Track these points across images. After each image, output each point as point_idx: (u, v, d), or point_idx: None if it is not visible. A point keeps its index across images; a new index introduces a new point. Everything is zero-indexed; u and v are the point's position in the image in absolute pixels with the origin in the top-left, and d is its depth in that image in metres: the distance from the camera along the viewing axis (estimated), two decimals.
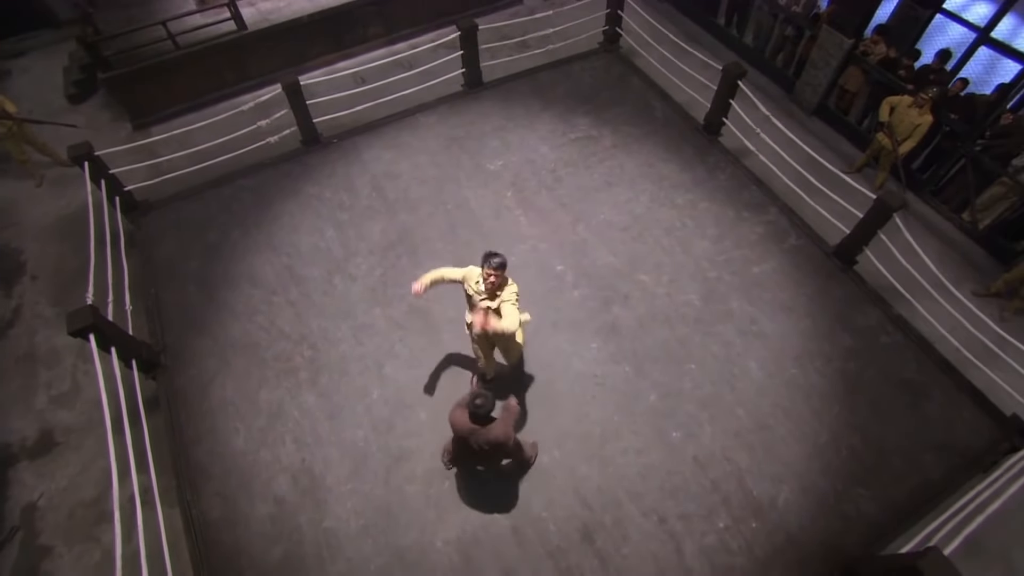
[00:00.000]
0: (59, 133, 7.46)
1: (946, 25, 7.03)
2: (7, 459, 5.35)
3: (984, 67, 7.66)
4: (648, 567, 4.29)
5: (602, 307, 5.53)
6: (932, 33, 6.96)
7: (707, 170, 6.57)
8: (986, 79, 7.40)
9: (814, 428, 4.88)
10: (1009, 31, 6.31)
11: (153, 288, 5.81)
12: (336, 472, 4.70)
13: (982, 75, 7.55)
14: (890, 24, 7.08)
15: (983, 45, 6.07)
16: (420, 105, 7.31)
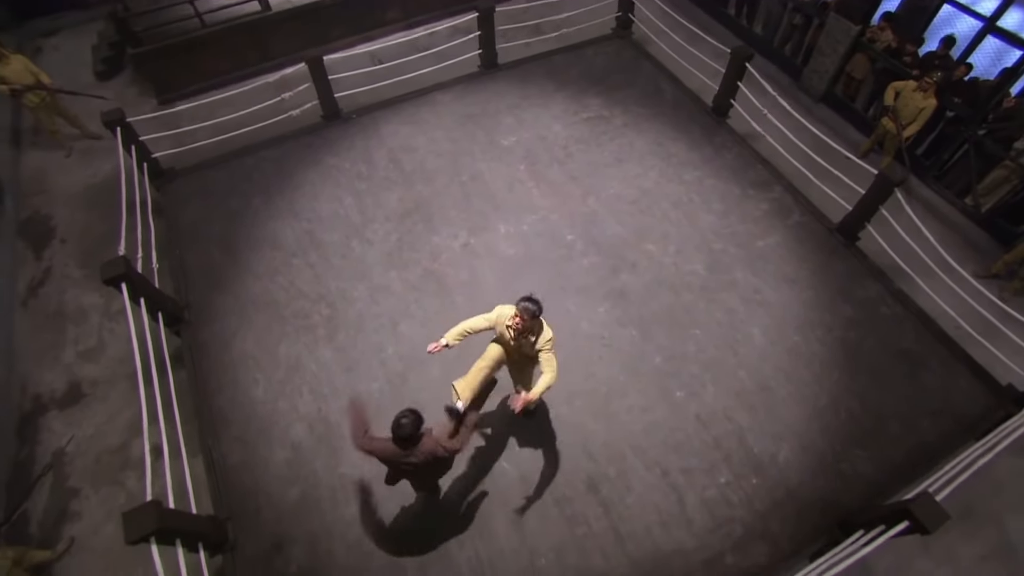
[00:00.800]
0: (88, 107, 7.74)
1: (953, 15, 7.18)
2: (38, 409, 5.59)
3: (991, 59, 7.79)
4: (650, 516, 4.46)
5: (610, 274, 5.72)
6: (939, 25, 7.11)
7: (714, 149, 6.76)
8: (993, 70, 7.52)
9: (814, 392, 5.03)
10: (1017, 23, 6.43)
11: (178, 249, 6.04)
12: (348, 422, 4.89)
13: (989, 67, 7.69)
14: (898, 14, 7.24)
15: (989, 34, 6.23)
16: (437, 84, 7.55)
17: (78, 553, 4.84)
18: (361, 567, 4.28)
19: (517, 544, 4.35)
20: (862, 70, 7.08)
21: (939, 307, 5.46)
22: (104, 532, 4.94)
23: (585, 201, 6.31)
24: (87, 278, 6.50)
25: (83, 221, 7.03)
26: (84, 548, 4.87)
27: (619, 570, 4.26)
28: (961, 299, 5.27)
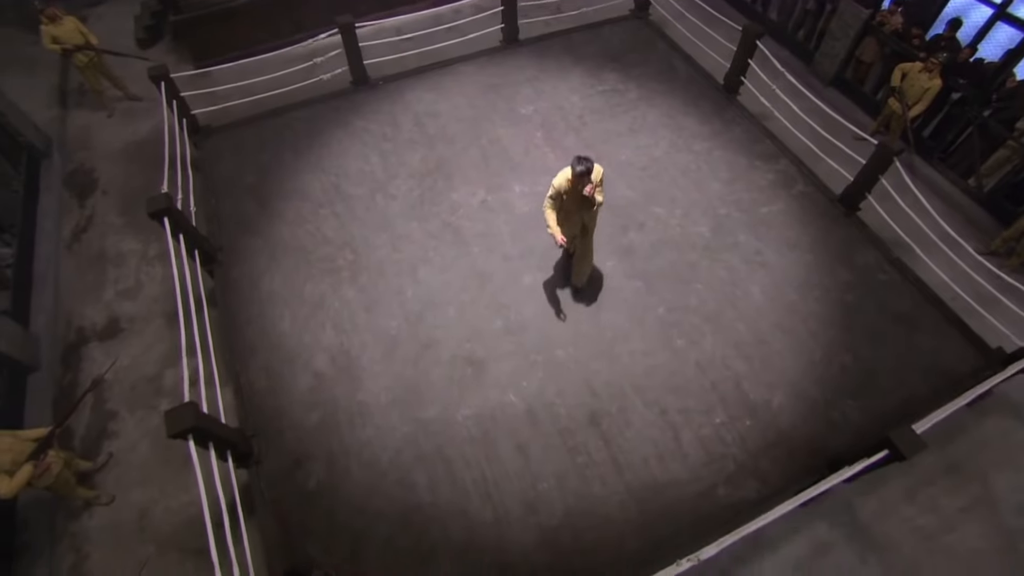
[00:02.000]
0: (130, 71, 8.21)
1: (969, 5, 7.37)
2: (80, 340, 6.01)
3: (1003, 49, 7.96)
4: (648, 449, 4.74)
5: (619, 232, 6.01)
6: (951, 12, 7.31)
7: (724, 123, 7.02)
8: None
9: (809, 346, 5.29)
10: None
11: (213, 198, 6.43)
12: (370, 354, 5.24)
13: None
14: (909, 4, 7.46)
15: (999, 21, 6.46)
16: (460, 56, 7.89)
17: (115, 467, 5.24)
18: (374, 484, 4.61)
19: (521, 469, 4.66)
20: (871, 54, 7.32)
21: (938, 278, 5.66)
22: (139, 449, 5.34)
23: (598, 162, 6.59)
24: (126, 225, 6.94)
25: (123, 175, 7.47)
26: (121, 463, 5.27)
27: (616, 497, 4.54)
28: (960, 271, 5.47)
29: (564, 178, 4.50)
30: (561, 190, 4.54)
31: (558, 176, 4.54)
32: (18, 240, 6.30)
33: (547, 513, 4.47)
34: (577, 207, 4.71)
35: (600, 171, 4.54)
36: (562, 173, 4.53)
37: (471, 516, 4.46)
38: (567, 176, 4.47)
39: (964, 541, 4.80)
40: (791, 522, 4.80)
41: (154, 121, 7.87)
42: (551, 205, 4.63)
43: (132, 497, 5.08)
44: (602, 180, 4.59)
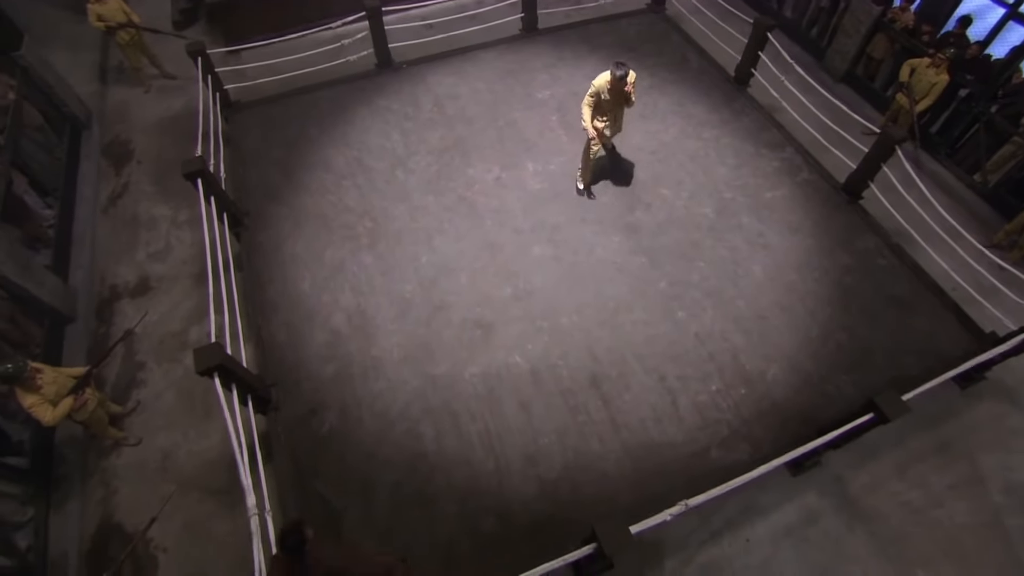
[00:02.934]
0: (166, 52, 8.63)
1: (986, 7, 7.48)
2: (113, 296, 6.37)
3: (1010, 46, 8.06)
4: (645, 412, 4.97)
5: (626, 211, 6.25)
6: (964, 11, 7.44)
7: (732, 113, 7.23)
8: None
9: (806, 323, 5.48)
10: None
11: (241, 168, 6.77)
12: (385, 314, 5.53)
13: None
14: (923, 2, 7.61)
15: (1011, 20, 6.61)
16: (481, 44, 8.19)
17: (142, 412, 5.57)
18: (384, 433, 4.88)
19: (523, 424, 4.91)
20: (882, 50, 7.48)
21: (940, 267, 5.77)
22: (165, 398, 5.67)
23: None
24: (158, 193, 7.31)
25: (157, 147, 7.86)
26: (147, 409, 5.60)
27: (613, 455, 4.77)
28: (961, 261, 5.58)
29: (604, 80, 5.41)
30: (600, 90, 5.46)
31: (598, 78, 5.46)
32: (59, 203, 6.68)
33: (546, 466, 4.71)
34: (613, 105, 5.59)
35: (634, 75, 5.43)
36: (602, 76, 5.44)
37: (474, 466, 4.71)
38: (607, 79, 5.38)
39: (951, 516, 4.95)
40: (782, 491, 5.01)
41: (187, 98, 8.27)
42: (589, 103, 5.55)
43: (157, 441, 5.41)
44: (635, 81, 5.47)
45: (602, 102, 5.58)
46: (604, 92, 5.47)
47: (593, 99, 5.54)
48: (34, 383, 4.27)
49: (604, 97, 5.52)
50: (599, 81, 5.46)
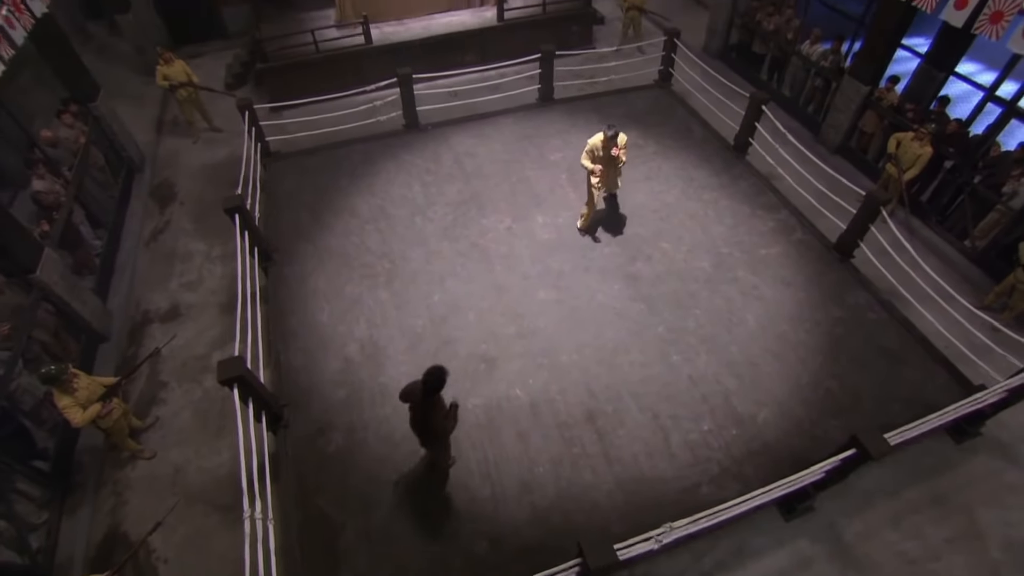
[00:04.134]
0: (216, 109, 9.58)
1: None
2: (146, 320, 6.87)
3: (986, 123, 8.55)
4: (638, 447, 5.13)
5: (627, 262, 6.64)
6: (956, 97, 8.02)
7: (731, 178, 7.74)
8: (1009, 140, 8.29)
9: (797, 371, 5.68)
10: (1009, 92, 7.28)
11: (274, 209, 7.38)
12: (396, 346, 5.87)
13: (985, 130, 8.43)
14: (911, 83, 8.26)
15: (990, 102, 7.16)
16: (501, 110, 8.95)
17: (160, 428, 5.90)
18: (387, 454, 5.10)
19: (520, 454, 5.10)
20: (872, 125, 8.04)
21: (932, 327, 5.94)
22: (182, 416, 6.00)
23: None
24: (196, 231, 7.94)
25: (199, 191, 8.60)
26: (165, 426, 5.93)
27: (605, 486, 4.91)
28: (953, 320, 5.77)
29: (598, 139, 6.08)
30: (594, 148, 6.11)
31: (593, 137, 6.13)
32: (108, 235, 7.33)
33: (540, 494, 4.85)
34: (606, 163, 6.20)
35: (625, 138, 6.12)
36: (597, 136, 6.10)
37: (471, 490, 4.88)
38: (600, 138, 6.04)
39: (949, 570, 4.93)
40: (775, 535, 5.06)
41: (230, 149, 9.10)
42: (587, 157, 6.21)
43: (171, 455, 5.69)
44: (626, 144, 6.16)
45: (596, 159, 6.23)
46: (598, 149, 6.12)
47: (589, 154, 6.21)
48: (70, 386, 4.65)
49: (598, 154, 6.17)
50: (594, 140, 6.14)
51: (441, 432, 4.34)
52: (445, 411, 4.30)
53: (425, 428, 4.35)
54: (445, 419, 4.27)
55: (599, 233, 6.97)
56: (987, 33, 5.97)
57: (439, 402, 4.24)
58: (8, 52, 5.36)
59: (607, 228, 7.02)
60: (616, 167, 6.36)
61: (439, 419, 4.23)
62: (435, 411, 4.22)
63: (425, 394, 4.10)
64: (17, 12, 5.59)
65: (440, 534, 4.65)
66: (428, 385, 4.05)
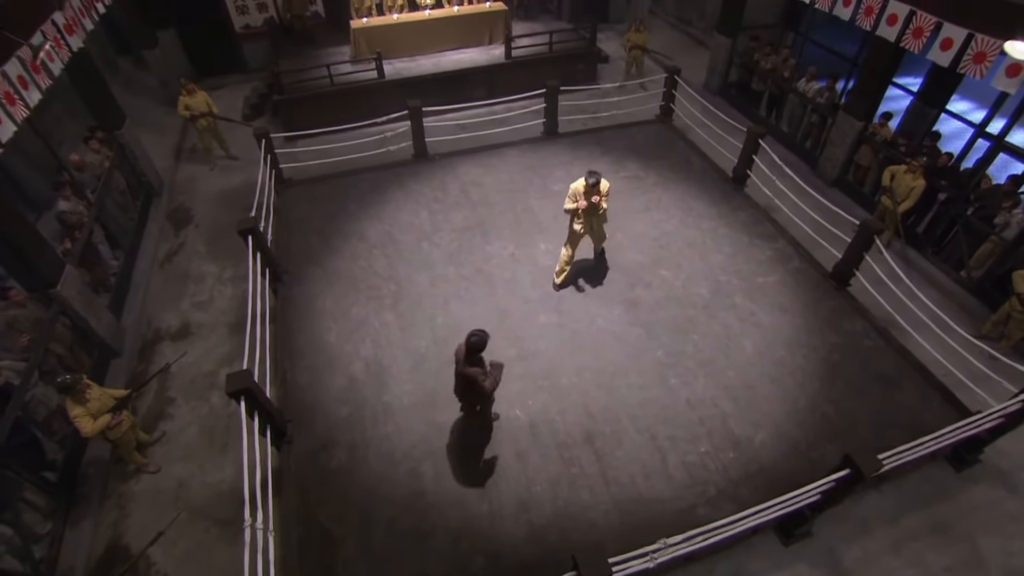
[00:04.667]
0: (232, 138, 9.98)
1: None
2: (157, 338, 7.06)
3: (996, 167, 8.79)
4: (635, 468, 5.18)
5: (627, 288, 6.79)
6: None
7: (730, 208, 7.94)
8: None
9: (794, 395, 5.74)
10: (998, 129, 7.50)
11: (285, 233, 7.63)
12: (400, 366, 6.00)
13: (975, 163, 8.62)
14: (905, 120, 8.53)
15: (980, 138, 7.39)
16: (507, 143, 9.27)
17: (166, 443, 6.02)
18: (387, 471, 5.17)
19: (519, 473, 5.15)
20: (867, 159, 8.27)
21: (930, 355, 5.98)
22: (188, 432, 6.12)
23: (614, 235, 7.51)
24: (209, 253, 8.20)
25: (214, 215, 8.90)
26: (171, 441, 6.05)
27: (602, 506, 4.95)
28: (950, 349, 5.83)
29: (580, 184, 6.00)
30: (576, 192, 6.04)
31: (575, 182, 6.07)
32: (124, 255, 7.59)
33: (537, 512, 4.90)
34: (588, 212, 6.13)
35: (607, 185, 6.06)
36: (579, 180, 6.02)
37: (469, 507, 4.93)
38: (582, 183, 5.94)
39: None
40: (773, 559, 5.06)
41: (244, 176, 9.45)
42: (569, 201, 6.14)
43: (175, 470, 5.78)
44: (608, 192, 6.11)
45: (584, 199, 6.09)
46: (579, 195, 6.01)
47: (571, 199, 6.09)
48: (83, 396, 4.80)
49: (579, 199, 6.08)
50: (576, 184, 6.03)
51: (481, 389, 4.58)
52: (485, 370, 4.63)
53: (468, 388, 4.69)
54: (486, 376, 4.58)
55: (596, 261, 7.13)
56: (972, 72, 6.22)
57: (481, 362, 4.61)
58: (46, 82, 5.70)
59: (609, 256, 7.19)
60: (599, 216, 6.28)
61: (480, 378, 4.53)
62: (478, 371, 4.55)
63: (468, 354, 4.51)
64: (57, 47, 5.98)
65: (438, 550, 4.68)
66: (471, 346, 4.48)
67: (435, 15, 11.18)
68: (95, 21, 7.21)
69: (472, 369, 4.53)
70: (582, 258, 6.90)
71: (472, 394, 4.77)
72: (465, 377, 4.59)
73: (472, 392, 4.72)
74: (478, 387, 4.55)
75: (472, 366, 4.55)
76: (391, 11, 11.22)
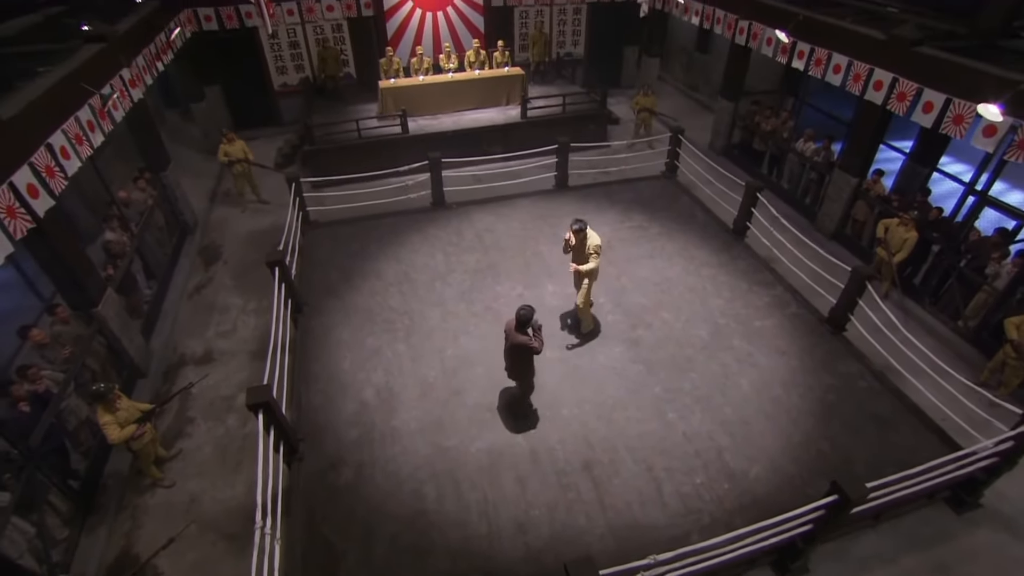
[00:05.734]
0: (264, 184, 10.73)
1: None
2: (181, 363, 7.46)
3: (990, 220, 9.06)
4: (631, 496, 5.32)
5: (629, 328, 7.09)
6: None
7: (730, 257, 8.30)
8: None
9: (789, 431, 5.89)
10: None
11: (309, 269, 8.12)
12: (409, 393, 6.28)
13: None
14: (900, 179, 8.96)
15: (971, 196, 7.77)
16: (520, 194, 9.86)
17: (182, 460, 6.30)
18: (392, 490, 5.37)
19: (518, 496, 5.32)
20: (863, 213, 8.65)
21: (929, 401, 6.09)
22: (203, 450, 6.41)
23: (619, 279, 7.91)
24: (235, 287, 8.71)
25: (242, 253, 9.48)
26: (187, 458, 6.33)
27: (597, 531, 5.07)
28: (950, 396, 5.92)
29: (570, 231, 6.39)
30: (567, 239, 6.44)
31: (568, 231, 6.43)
32: (158, 285, 8.11)
33: (535, 535, 5.03)
34: (575, 256, 6.48)
35: (597, 241, 6.35)
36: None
37: (468, 527, 5.08)
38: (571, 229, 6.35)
39: None
40: None
41: (273, 219, 10.09)
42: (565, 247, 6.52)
43: (188, 485, 6.03)
44: (598, 249, 6.36)
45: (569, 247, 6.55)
46: (570, 239, 6.42)
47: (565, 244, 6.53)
48: (113, 405, 5.16)
49: (570, 243, 6.47)
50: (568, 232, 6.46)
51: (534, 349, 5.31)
52: (531, 337, 5.33)
53: (519, 356, 5.42)
54: (532, 342, 5.29)
55: (602, 300, 7.47)
56: (953, 133, 6.68)
57: (527, 333, 5.32)
58: (108, 127, 6.41)
59: (610, 297, 7.54)
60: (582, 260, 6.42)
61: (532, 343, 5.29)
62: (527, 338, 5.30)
63: (518, 326, 5.24)
64: (122, 97, 6.74)
65: (437, 567, 4.81)
66: (520, 318, 5.22)
67: (457, 78, 12.13)
68: (154, 77, 8.06)
69: (523, 337, 5.28)
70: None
71: (521, 363, 5.52)
72: (518, 345, 5.29)
73: (522, 360, 5.48)
74: (531, 349, 5.30)
75: (522, 335, 5.28)
76: (417, 73, 12.18)
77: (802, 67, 8.79)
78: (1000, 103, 6.01)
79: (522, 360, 5.50)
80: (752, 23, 9.88)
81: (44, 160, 5.29)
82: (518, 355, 5.44)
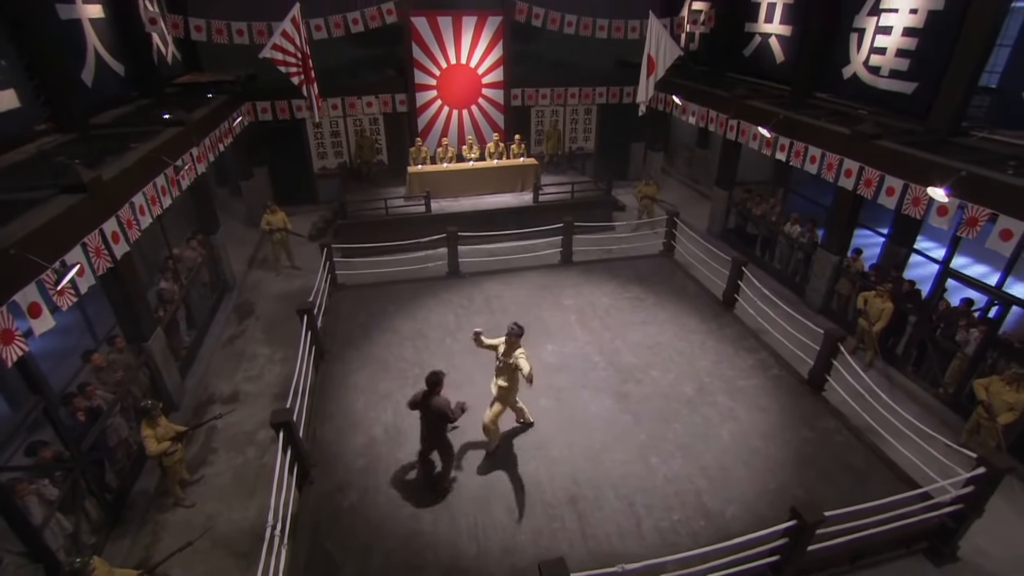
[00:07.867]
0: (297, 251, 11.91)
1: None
2: (210, 400, 8.19)
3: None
4: (611, 528, 5.69)
5: (619, 383, 7.66)
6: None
7: (719, 325, 8.94)
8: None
9: (766, 479, 6.24)
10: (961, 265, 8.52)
11: (333, 324, 8.99)
12: (415, 431, 6.72)
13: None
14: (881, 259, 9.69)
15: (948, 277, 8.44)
16: (527, 267, 10.81)
17: (203, 485, 6.84)
18: (392, 512, 5.85)
19: (506, 523, 5.74)
20: (846, 288, 9.32)
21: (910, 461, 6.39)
22: (223, 477, 6.98)
23: (613, 342, 8.57)
24: (265, 339, 9.58)
25: (273, 311, 10.45)
26: (208, 484, 6.88)
27: (578, 556, 5.41)
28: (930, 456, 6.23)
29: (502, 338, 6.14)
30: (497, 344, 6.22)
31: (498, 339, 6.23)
32: (196, 333, 9.03)
33: (520, 557, 5.40)
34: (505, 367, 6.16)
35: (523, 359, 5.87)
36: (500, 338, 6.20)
37: (459, 548, 5.49)
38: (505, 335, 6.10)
39: None
40: None
41: (303, 282, 11.13)
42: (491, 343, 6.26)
43: (207, 507, 6.55)
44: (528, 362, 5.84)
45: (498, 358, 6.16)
46: (500, 348, 6.14)
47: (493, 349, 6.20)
48: (155, 421, 5.89)
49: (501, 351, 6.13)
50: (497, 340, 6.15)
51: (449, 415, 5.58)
52: (448, 405, 5.56)
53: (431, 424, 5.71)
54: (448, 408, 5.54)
55: (596, 359, 8.10)
56: (913, 213, 7.49)
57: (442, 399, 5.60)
58: (176, 193, 7.64)
59: (604, 356, 8.17)
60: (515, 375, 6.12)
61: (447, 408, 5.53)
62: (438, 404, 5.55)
63: (427, 389, 5.56)
64: (190, 170, 8.05)
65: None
66: (428, 381, 5.58)
67: (477, 166, 13.57)
68: (216, 155, 9.48)
69: (439, 400, 5.61)
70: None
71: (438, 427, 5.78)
72: (435, 408, 5.60)
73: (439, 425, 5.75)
74: (448, 414, 5.58)
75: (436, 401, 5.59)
76: (442, 161, 13.65)
77: (784, 158, 9.87)
78: (946, 187, 6.86)
79: (438, 427, 5.73)
80: (740, 121, 11.16)
81: (127, 214, 6.41)
82: (435, 421, 5.67)
